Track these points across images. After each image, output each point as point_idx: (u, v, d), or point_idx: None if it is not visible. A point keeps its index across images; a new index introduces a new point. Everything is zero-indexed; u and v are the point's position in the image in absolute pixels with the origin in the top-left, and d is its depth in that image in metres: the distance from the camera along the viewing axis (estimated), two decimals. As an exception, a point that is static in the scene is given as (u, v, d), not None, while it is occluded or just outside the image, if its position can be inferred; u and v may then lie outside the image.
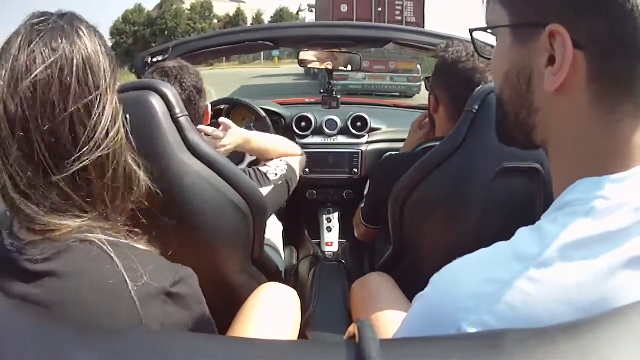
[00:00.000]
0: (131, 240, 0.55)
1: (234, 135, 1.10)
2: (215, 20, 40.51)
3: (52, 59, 0.46)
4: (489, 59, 0.50)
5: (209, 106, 1.14)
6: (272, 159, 1.12)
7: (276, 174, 1.08)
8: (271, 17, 42.32)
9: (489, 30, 0.48)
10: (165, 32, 35.26)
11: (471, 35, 0.54)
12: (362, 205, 1.23)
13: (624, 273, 0.35)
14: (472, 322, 0.35)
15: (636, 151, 0.39)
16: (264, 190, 1.02)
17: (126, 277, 0.48)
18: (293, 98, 2.32)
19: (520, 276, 0.36)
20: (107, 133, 0.51)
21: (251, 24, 40.22)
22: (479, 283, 0.37)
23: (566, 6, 0.39)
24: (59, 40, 0.47)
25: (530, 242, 0.38)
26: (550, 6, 0.40)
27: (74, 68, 0.47)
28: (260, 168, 1.06)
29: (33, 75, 0.45)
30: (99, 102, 0.49)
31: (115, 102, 0.53)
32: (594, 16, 0.37)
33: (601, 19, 0.37)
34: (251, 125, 1.60)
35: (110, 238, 0.51)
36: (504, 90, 0.46)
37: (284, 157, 1.13)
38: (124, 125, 0.56)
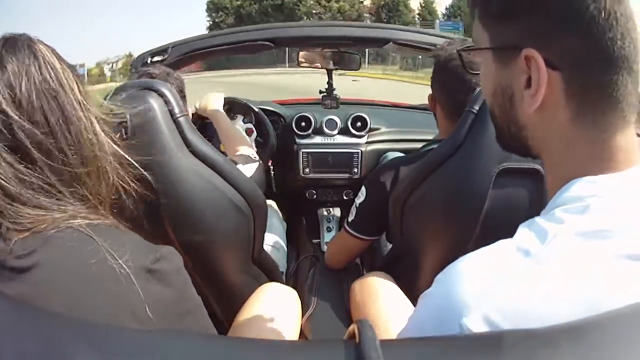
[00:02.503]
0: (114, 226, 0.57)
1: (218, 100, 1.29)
2: (364, 2, 31.02)
3: (24, 71, 0.52)
4: (477, 73, 0.52)
5: (190, 111, 1.20)
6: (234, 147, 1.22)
7: (255, 158, 1.18)
8: (446, 8, 34.10)
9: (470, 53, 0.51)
10: (283, 11, 25.38)
11: (460, 55, 0.56)
12: (352, 217, 1.16)
13: (620, 268, 0.35)
14: (476, 318, 0.36)
15: (627, 155, 0.40)
16: (252, 167, 1.09)
17: (107, 255, 0.49)
18: (293, 98, 2.32)
19: (523, 273, 0.36)
20: (83, 124, 0.55)
21: (418, 15, 32.55)
22: (483, 280, 0.38)
23: (538, 29, 0.40)
24: (26, 61, 0.53)
25: (531, 239, 0.39)
26: (523, 30, 0.41)
27: (41, 70, 0.53)
28: (242, 153, 1.16)
29: (13, 88, 0.51)
30: (66, 93, 0.54)
31: (82, 95, 0.57)
32: (567, 35, 0.38)
33: (574, 37, 0.38)
34: (251, 124, 1.60)
35: (90, 221, 0.53)
36: (494, 107, 0.48)
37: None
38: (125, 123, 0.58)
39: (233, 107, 1.62)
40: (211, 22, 29.60)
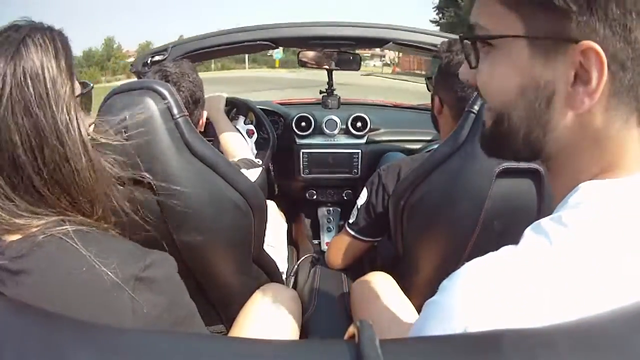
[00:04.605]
0: (106, 231, 0.55)
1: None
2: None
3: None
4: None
5: (204, 115, 1.18)
6: (233, 151, 1.22)
7: (258, 162, 1.18)
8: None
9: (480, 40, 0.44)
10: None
11: (462, 43, 0.47)
12: (353, 219, 1.16)
13: (626, 272, 0.35)
14: (481, 325, 0.35)
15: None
16: (256, 172, 1.09)
17: (95, 265, 0.48)
18: (293, 98, 2.32)
19: (527, 278, 0.36)
20: (65, 132, 0.52)
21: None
22: (488, 287, 0.37)
23: (601, 23, 0.36)
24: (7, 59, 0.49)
25: (536, 243, 0.38)
26: (584, 21, 0.37)
27: (18, 80, 0.49)
28: (242, 157, 1.16)
29: None
30: (48, 104, 0.51)
31: (73, 106, 0.53)
32: (614, 32, 0.36)
33: (616, 36, 0.36)
34: (252, 126, 1.60)
35: (80, 227, 0.51)
36: (516, 108, 0.42)
37: None
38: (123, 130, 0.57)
39: (234, 107, 1.62)
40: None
